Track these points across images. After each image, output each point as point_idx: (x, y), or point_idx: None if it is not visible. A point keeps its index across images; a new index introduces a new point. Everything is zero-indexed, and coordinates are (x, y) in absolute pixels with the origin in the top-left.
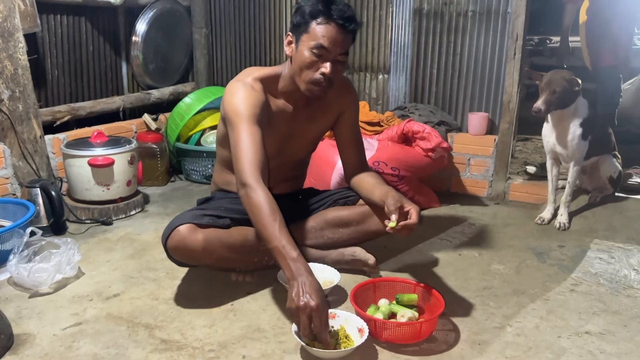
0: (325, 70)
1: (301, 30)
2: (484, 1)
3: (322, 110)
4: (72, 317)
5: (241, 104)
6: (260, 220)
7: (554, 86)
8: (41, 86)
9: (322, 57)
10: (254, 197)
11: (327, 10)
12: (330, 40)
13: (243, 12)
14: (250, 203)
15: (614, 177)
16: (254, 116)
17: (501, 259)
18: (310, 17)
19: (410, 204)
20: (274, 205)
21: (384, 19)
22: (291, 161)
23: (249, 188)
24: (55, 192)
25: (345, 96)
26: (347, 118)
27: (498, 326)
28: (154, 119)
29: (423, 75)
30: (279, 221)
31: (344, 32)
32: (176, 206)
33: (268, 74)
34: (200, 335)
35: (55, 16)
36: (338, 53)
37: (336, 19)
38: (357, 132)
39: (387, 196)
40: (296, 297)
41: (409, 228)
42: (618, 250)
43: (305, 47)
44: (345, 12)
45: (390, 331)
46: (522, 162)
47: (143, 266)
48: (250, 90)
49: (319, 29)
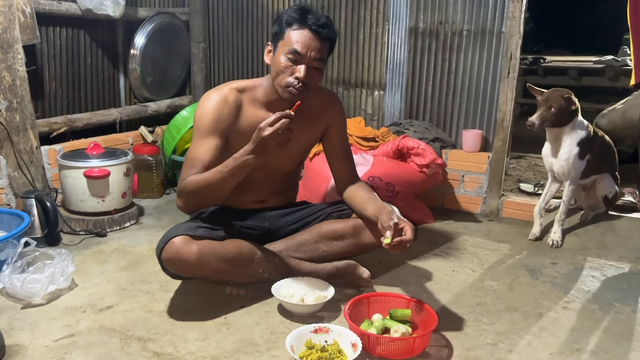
0: (298, 74)
1: (278, 37)
2: (479, 21)
3: (308, 122)
4: (64, 329)
5: (204, 116)
6: (205, 180)
7: (550, 103)
8: (39, 97)
9: (297, 62)
10: (188, 187)
11: (302, 17)
12: (303, 45)
13: (241, 27)
14: (187, 185)
15: (609, 197)
16: (210, 130)
17: (494, 275)
18: (286, 25)
19: (404, 221)
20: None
21: (380, 36)
22: (280, 173)
23: (183, 188)
24: (50, 203)
25: (331, 109)
26: (334, 131)
27: (491, 342)
28: (150, 132)
29: (418, 92)
30: (212, 170)
31: (318, 38)
32: (171, 218)
33: (248, 85)
34: (193, 349)
35: (55, 28)
36: (312, 58)
37: (310, 25)
38: (345, 145)
39: (381, 212)
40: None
41: (404, 245)
42: (610, 268)
43: (281, 53)
44: (320, 19)
45: (384, 346)
46: (515, 180)
47: (137, 278)
48: (220, 102)
49: (293, 35)
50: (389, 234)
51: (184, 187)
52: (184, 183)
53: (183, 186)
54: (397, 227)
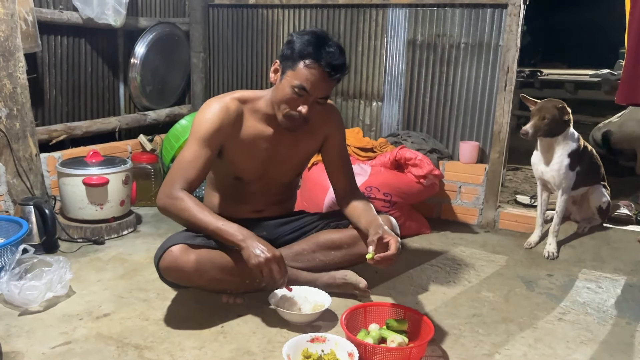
0: (302, 110)
1: (288, 64)
2: (476, 34)
3: (307, 134)
4: (61, 336)
5: (202, 124)
6: (192, 216)
7: (544, 113)
8: (38, 105)
9: (302, 97)
10: (179, 203)
11: (317, 53)
12: (313, 85)
13: (240, 38)
14: (176, 209)
15: (603, 208)
16: (206, 139)
17: (490, 286)
18: (299, 56)
19: (389, 235)
20: (200, 203)
21: (379, 48)
22: (278, 184)
23: (174, 199)
24: (49, 211)
25: (330, 121)
26: (333, 142)
27: (487, 353)
28: (149, 140)
29: (416, 103)
30: (207, 210)
31: (328, 79)
32: (169, 227)
33: (250, 96)
34: (189, 357)
35: (56, 37)
36: (318, 97)
37: (323, 65)
38: (344, 156)
39: (370, 226)
40: (253, 256)
41: (388, 260)
42: (605, 280)
43: (288, 84)
44: (336, 59)
45: (380, 356)
46: (512, 191)
47: (134, 286)
48: (221, 111)
49: (304, 72)
50: (371, 249)
51: (172, 202)
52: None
53: (172, 201)
54: (382, 242)
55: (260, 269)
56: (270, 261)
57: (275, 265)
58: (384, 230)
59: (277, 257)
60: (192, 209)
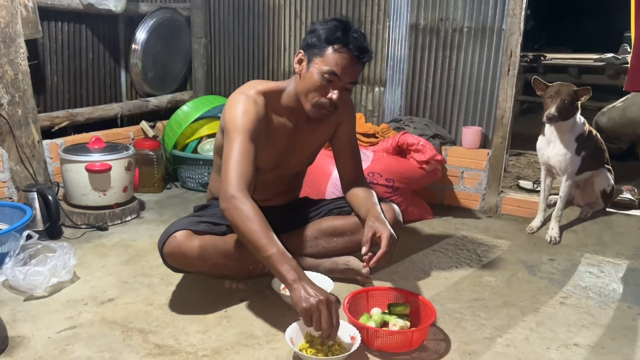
0: (333, 96)
1: (315, 52)
2: (479, 18)
3: (322, 123)
4: (66, 321)
5: (240, 117)
6: (253, 231)
7: (564, 95)
8: (40, 92)
9: (333, 83)
10: (243, 208)
11: (345, 38)
12: (343, 69)
13: (242, 23)
14: (238, 214)
15: (607, 191)
16: (250, 131)
17: (492, 271)
18: (326, 42)
19: (382, 228)
20: (262, 215)
21: (381, 33)
22: (290, 174)
23: (236, 200)
24: (52, 197)
25: (343, 107)
26: (344, 129)
27: (488, 337)
28: (151, 127)
29: (418, 89)
30: (268, 230)
31: (357, 62)
32: (172, 213)
33: (272, 89)
34: (194, 341)
35: (57, 23)
36: (348, 82)
37: (352, 49)
38: (354, 143)
39: (369, 218)
40: (305, 298)
41: (381, 259)
42: (607, 265)
43: (316, 70)
44: (362, 42)
45: (382, 339)
46: (514, 177)
47: (138, 272)
48: (251, 104)
49: (333, 56)
50: (364, 250)
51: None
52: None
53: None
54: (375, 237)
55: (306, 313)
56: (319, 305)
57: (331, 309)
58: (378, 225)
59: (331, 301)
60: (255, 221)
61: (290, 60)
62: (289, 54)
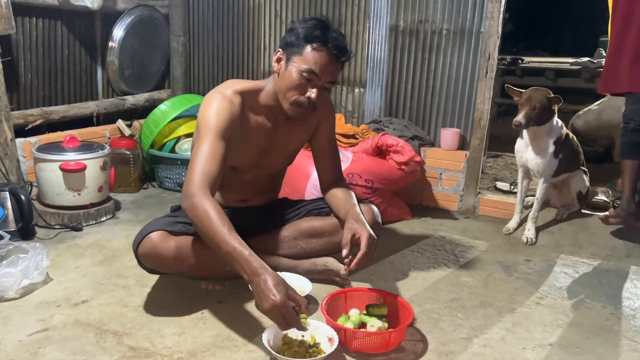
0: (312, 95)
1: (294, 50)
2: (458, 20)
3: (301, 123)
4: (38, 323)
5: (212, 117)
6: (210, 228)
7: (534, 102)
8: (14, 89)
9: (311, 82)
10: (200, 206)
11: (323, 37)
12: (322, 68)
13: (221, 22)
14: (196, 213)
15: (583, 193)
16: (221, 131)
17: (470, 271)
18: (305, 41)
19: (362, 229)
20: (222, 212)
21: (361, 34)
22: (268, 174)
23: (195, 198)
24: (25, 196)
25: (322, 108)
26: (324, 129)
27: (465, 337)
28: (128, 125)
29: (398, 90)
30: (227, 226)
31: (335, 62)
32: (148, 213)
33: (250, 88)
34: (169, 343)
35: (31, 19)
36: (326, 81)
37: (331, 48)
38: (333, 144)
39: (348, 220)
40: (262, 298)
41: (362, 261)
42: (583, 266)
43: (295, 69)
44: (341, 42)
45: (360, 341)
46: (492, 178)
47: (112, 273)
48: (226, 104)
49: (312, 55)
50: (345, 252)
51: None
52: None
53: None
54: (354, 238)
55: (265, 314)
56: (274, 309)
57: (284, 311)
58: (357, 226)
59: (283, 304)
60: (211, 218)
61: (270, 59)
62: (269, 53)
